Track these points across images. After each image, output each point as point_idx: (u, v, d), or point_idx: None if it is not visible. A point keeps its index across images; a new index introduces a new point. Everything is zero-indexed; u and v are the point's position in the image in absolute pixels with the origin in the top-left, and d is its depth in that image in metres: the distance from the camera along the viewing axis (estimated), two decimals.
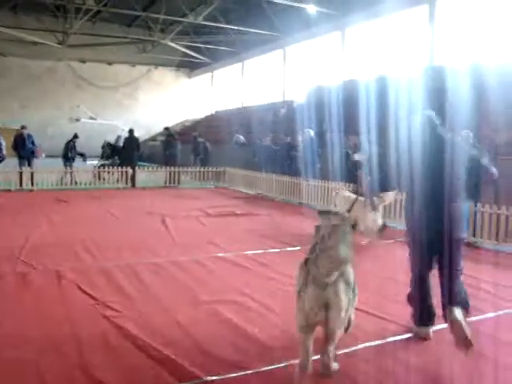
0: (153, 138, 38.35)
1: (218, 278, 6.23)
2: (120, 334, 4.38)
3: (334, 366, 3.82)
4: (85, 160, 18.49)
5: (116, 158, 18.59)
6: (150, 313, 4.91)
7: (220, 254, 7.39)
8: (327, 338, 3.76)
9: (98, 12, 31.94)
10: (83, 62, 38.83)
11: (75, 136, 18.37)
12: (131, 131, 17.87)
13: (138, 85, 40.76)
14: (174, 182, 17.48)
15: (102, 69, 40.10)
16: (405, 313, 4.77)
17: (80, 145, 17.75)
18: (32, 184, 15.04)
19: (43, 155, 17.77)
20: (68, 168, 17.05)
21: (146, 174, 17.71)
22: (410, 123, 4.60)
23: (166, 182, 17.48)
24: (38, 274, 6.11)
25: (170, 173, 17.56)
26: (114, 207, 11.93)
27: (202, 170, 18.37)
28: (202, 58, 37.09)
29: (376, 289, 5.78)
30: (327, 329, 3.72)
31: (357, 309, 4.46)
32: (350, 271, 3.81)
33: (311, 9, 23.83)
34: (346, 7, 22.96)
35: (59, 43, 33.72)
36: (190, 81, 44.19)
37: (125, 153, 17.75)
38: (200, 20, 28.96)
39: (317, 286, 3.61)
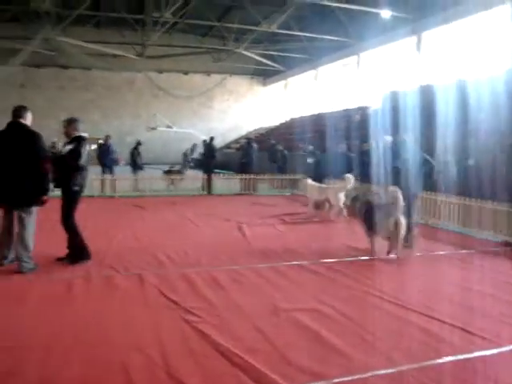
0: (228, 146, 38.85)
1: (296, 285, 6.18)
2: (202, 339, 4.41)
3: None
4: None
5: (189, 164, 18.86)
6: (230, 319, 4.92)
7: (297, 262, 7.33)
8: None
9: (175, 24, 32.78)
10: (160, 72, 39.97)
11: (138, 143, 18.75)
12: (212, 139, 18.11)
13: (213, 93, 41.46)
14: (250, 190, 17.58)
15: (178, 78, 41.13)
16: (493, 327, 4.56)
17: (158, 152, 18.18)
18: (113, 191, 15.61)
19: (123, 163, 18.32)
20: (135, 175, 17.49)
21: (221, 181, 17.91)
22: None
23: (242, 189, 17.61)
24: (122, 278, 6.30)
25: (246, 180, 17.69)
26: (191, 213, 12.14)
27: (278, 177, 18.39)
28: (275, 65, 37.28)
29: (461, 301, 5.59)
30: None
31: (442, 321, 4.34)
32: None
33: (386, 13, 23.44)
34: (422, 11, 22.41)
35: (138, 55, 34.88)
36: (264, 88, 44.48)
37: (203, 160, 18.04)
38: (274, 28, 29.13)
39: None
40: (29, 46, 28.90)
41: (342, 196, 11.86)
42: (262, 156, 20.19)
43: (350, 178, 11.94)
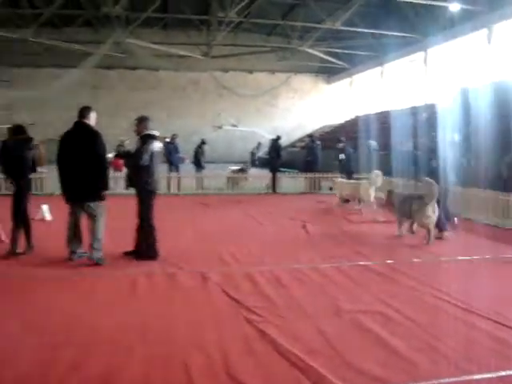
0: (293, 145, 38.77)
1: (360, 286, 6.06)
2: (263, 339, 4.39)
3: None
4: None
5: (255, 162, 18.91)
6: (292, 319, 4.88)
7: (362, 262, 7.20)
8: None
9: (240, 23, 33.03)
10: (225, 71, 40.34)
11: (203, 142, 18.92)
12: (278, 138, 18.11)
13: (277, 92, 41.44)
14: (315, 188, 17.45)
15: (243, 77, 41.39)
16: None
17: (222, 150, 18.34)
18: (178, 189, 15.89)
19: (187, 161, 18.59)
20: (198, 173, 17.69)
21: (286, 180, 17.87)
22: None
23: (306, 188, 17.52)
24: (185, 276, 6.36)
25: (311, 179, 17.56)
26: (255, 212, 12.20)
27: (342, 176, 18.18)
28: (340, 63, 36.87)
29: None
30: None
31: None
32: None
33: (454, 7, 22.69)
34: (493, 3, 21.56)
35: (203, 55, 35.33)
36: (328, 86, 44.09)
37: (269, 158, 18.07)
38: (338, 25, 28.77)
39: None
40: (100, 49, 29.84)
41: (371, 191, 12.55)
42: (327, 154, 19.97)
43: (379, 173, 12.85)
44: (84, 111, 7.03)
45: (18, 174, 7.51)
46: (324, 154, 19.32)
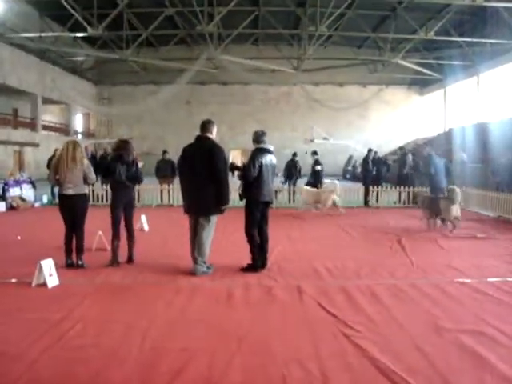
0: (385, 158, 38.15)
1: (460, 304, 5.81)
2: (361, 355, 4.31)
3: None
4: None
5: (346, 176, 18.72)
6: (390, 336, 4.76)
7: (461, 280, 6.91)
8: None
9: (330, 37, 33.09)
10: (316, 85, 40.50)
11: (294, 155, 18.94)
12: (369, 151, 17.86)
13: (368, 105, 41.05)
14: (410, 203, 16.98)
15: (334, 90, 41.38)
16: None
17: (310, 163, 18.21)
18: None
19: (279, 174, 18.69)
20: (290, 187, 17.66)
21: (379, 193, 17.51)
22: None
23: (398, 202, 17.12)
24: (281, 288, 6.38)
25: (405, 192, 17.14)
26: (347, 225, 12.09)
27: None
28: (433, 74, 35.93)
29: None
30: None
31: None
32: None
33: None
34: None
35: (294, 69, 35.67)
36: (421, 98, 43.13)
37: (362, 171, 17.90)
38: (431, 35, 28.11)
39: None
40: (194, 65, 30.84)
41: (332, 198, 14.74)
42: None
43: (337, 183, 15.96)
44: (206, 125, 7.15)
45: (124, 185, 7.81)
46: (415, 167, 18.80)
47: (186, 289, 6.35)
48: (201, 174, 6.89)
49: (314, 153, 17.48)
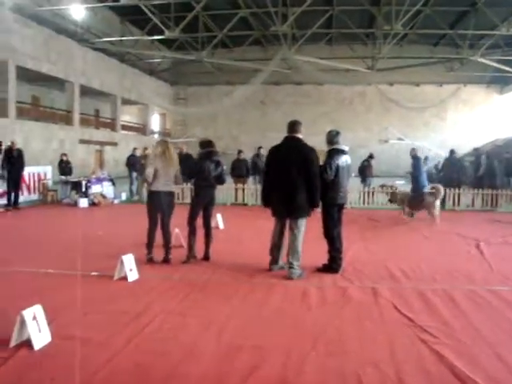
0: (462, 158, 36.97)
1: None
2: (438, 361, 4.22)
3: None
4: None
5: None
6: (469, 343, 4.62)
7: None
8: None
9: (405, 35, 32.42)
10: (391, 84, 39.76)
11: (370, 156, 18.68)
12: (452, 152, 17.35)
13: (445, 104, 39.81)
14: (491, 205, 16.37)
15: (409, 90, 40.49)
16: None
17: (388, 164, 17.99)
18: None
19: (353, 175, 18.49)
20: (366, 188, 17.42)
21: (456, 196, 16.96)
22: None
23: (479, 205, 16.56)
24: (356, 290, 6.36)
25: (483, 195, 16.53)
26: (424, 228, 11.87)
27: None
28: None
29: None
30: None
31: None
32: None
33: None
34: None
35: (368, 68, 35.20)
36: (501, 97, 41.41)
37: (445, 173, 17.39)
38: None
39: None
40: (268, 66, 31.04)
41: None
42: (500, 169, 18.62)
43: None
44: (295, 125, 7.05)
45: (210, 183, 7.99)
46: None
47: (261, 287, 6.44)
48: (294, 175, 6.75)
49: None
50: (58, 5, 25.71)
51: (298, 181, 6.75)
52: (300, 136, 7.03)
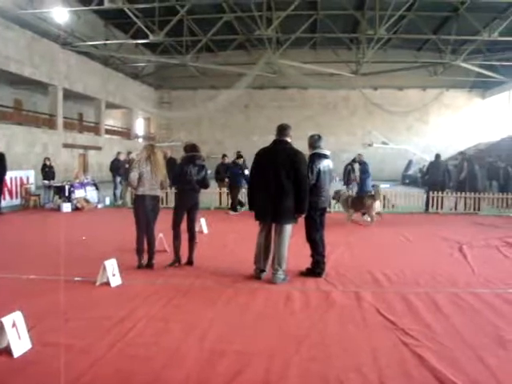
0: (445, 163, 37.35)
1: None
2: (420, 364, 4.24)
3: None
4: None
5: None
6: (451, 346, 4.65)
7: None
8: None
9: (389, 40, 32.68)
10: (375, 89, 40.06)
11: (354, 160, 18.75)
12: (437, 156, 17.46)
13: (428, 108, 40.12)
14: (473, 209, 16.52)
15: (393, 94, 40.82)
16: None
17: (372, 168, 18.01)
18: (329, 206, 15.92)
19: (337, 179, 18.61)
20: (349, 191, 17.46)
21: (439, 199, 17.10)
22: None
23: (462, 209, 16.69)
24: (339, 294, 6.37)
25: (466, 198, 16.68)
26: (407, 232, 11.87)
27: (502, 196, 17.07)
28: (497, 76, 34.75)
29: None
30: None
31: None
32: None
33: None
34: None
35: (353, 73, 35.42)
36: (483, 101, 41.88)
37: (429, 177, 17.50)
38: (495, 36, 27.20)
39: None
40: (252, 70, 31.09)
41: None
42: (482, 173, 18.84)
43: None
44: (285, 129, 6.96)
45: (192, 187, 7.97)
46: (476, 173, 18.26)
47: (244, 292, 6.44)
48: (282, 179, 6.66)
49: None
50: (41, 8, 25.49)
51: (286, 185, 6.68)
52: (289, 140, 6.97)
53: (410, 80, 39.01)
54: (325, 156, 7.41)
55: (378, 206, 13.51)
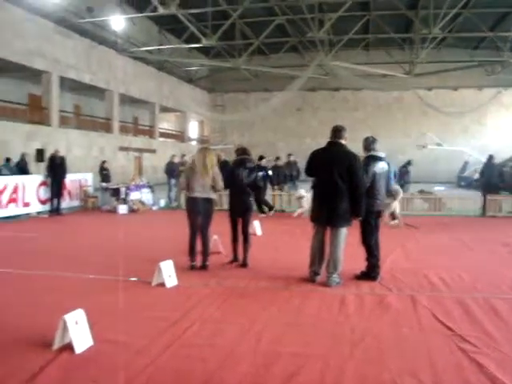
0: (503, 164, 36.20)
1: None
2: (479, 372, 4.14)
3: None
4: None
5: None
6: (511, 353, 4.53)
7: None
8: None
9: (444, 39, 31.95)
10: (429, 89, 39.22)
11: (408, 162, 18.53)
12: (491, 157, 17.02)
13: (485, 109, 38.94)
14: None
15: (448, 95, 39.88)
16: None
17: (426, 170, 17.71)
18: None
19: (392, 182, 18.30)
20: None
21: (499, 202, 16.60)
22: None
23: None
24: (395, 298, 6.30)
25: None
26: (465, 235, 11.63)
27: None
28: None
29: None
30: None
31: None
32: None
33: None
34: None
35: (406, 73, 34.81)
36: None
37: (484, 179, 17.07)
38: None
39: None
40: (305, 72, 31.05)
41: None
42: None
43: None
44: (340, 131, 6.90)
45: (244, 190, 8.12)
46: None
47: (299, 294, 6.45)
48: (337, 182, 6.61)
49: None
50: (99, 16, 26.31)
51: (341, 187, 6.62)
52: (344, 142, 6.90)
53: (465, 80, 37.98)
54: (380, 158, 7.34)
55: (395, 206, 13.17)
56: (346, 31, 30.57)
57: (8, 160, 15.66)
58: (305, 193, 14.88)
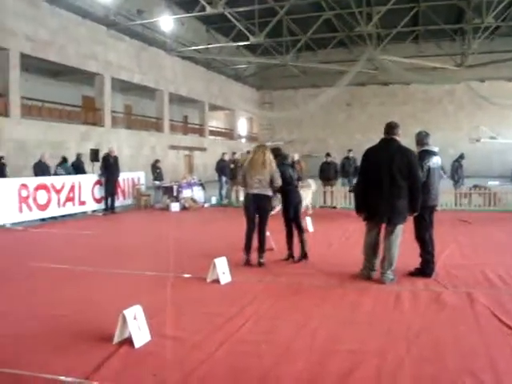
0: None
1: None
2: None
3: None
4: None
5: None
6: None
7: None
8: None
9: (497, 28, 31.05)
10: (482, 81, 38.10)
11: (461, 156, 18.11)
12: None
13: None
14: None
15: (502, 86, 38.64)
16: None
17: (479, 164, 17.32)
18: None
19: (445, 176, 17.96)
20: (458, 189, 16.85)
21: None
22: None
23: None
24: (450, 294, 6.19)
25: None
26: None
27: None
28: None
29: None
30: None
31: None
32: None
33: None
34: None
35: (457, 65, 34.01)
36: None
37: None
38: None
39: None
40: (354, 67, 30.76)
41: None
42: None
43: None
44: (393, 128, 6.81)
45: (294, 186, 8.32)
46: None
47: (353, 291, 6.44)
48: (396, 178, 6.53)
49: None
50: (148, 18, 26.83)
51: (400, 184, 6.55)
52: (398, 138, 6.81)
53: None
54: (434, 153, 7.25)
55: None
56: (394, 24, 30.08)
57: (65, 160, 16.15)
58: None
